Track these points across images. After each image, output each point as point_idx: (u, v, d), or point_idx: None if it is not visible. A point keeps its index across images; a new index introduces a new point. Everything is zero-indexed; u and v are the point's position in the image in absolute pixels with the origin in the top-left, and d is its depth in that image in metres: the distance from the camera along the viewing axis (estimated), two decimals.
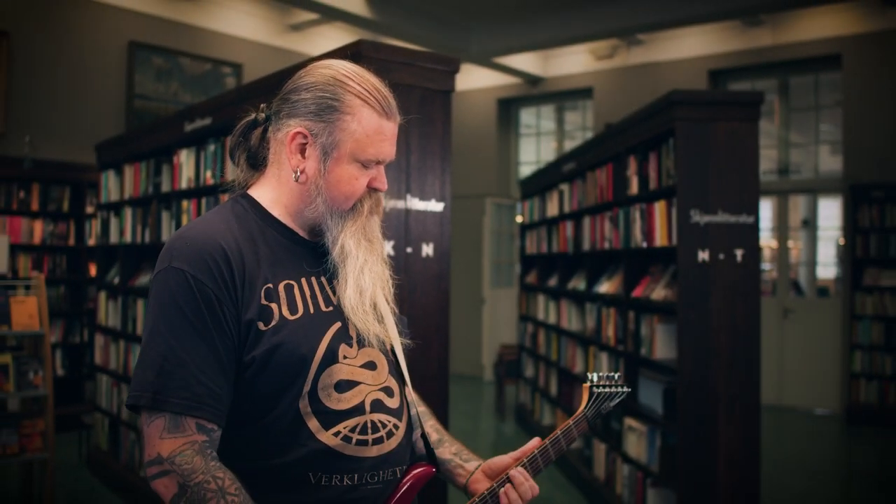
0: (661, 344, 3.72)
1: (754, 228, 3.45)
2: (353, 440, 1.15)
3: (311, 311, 1.17)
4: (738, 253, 3.42)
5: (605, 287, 4.61)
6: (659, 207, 3.71)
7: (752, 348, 3.45)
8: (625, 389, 1.43)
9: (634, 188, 4.06)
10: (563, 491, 4.90)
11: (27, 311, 4.05)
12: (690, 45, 8.13)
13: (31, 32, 6.28)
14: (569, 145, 9.56)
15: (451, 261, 2.92)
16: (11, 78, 6.12)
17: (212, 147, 3.71)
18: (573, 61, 9.01)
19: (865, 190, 6.98)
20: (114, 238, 4.86)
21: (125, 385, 4.58)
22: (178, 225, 3.94)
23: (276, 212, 1.23)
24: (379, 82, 1.23)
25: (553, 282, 5.86)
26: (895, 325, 6.85)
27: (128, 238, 4.61)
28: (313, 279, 1.20)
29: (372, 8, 7.08)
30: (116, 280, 4.79)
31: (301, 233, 1.24)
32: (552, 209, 5.89)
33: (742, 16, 7.27)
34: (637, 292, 4.00)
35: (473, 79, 9.55)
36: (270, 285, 1.15)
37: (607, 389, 1.39)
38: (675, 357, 3.49)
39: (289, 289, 1.17)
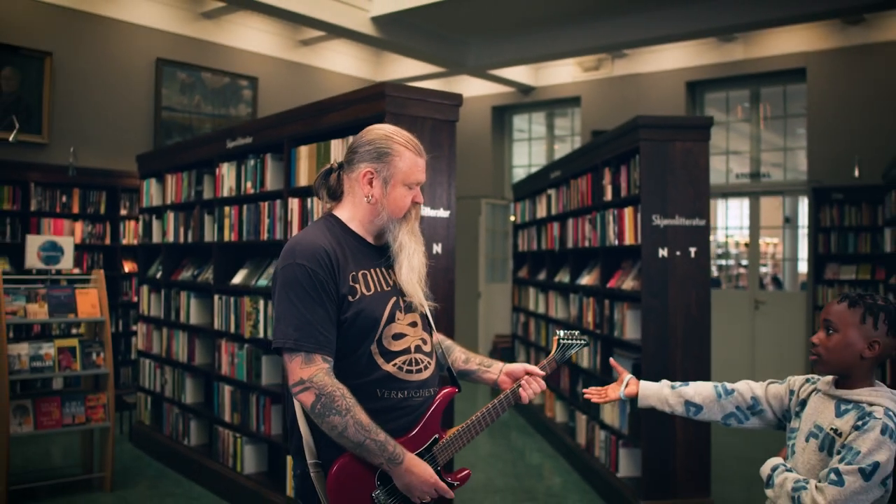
0: (630, 327, 4.42)
1: (705, 230, 4.14)
2: (404, 370, 1.83)
3: (379, 289, 1.85)
4: (692, 250, 4.12)
5: (585, 280, 5.30)
6: (628, 212, 4.41)
7: (703, 330, 4.14)
8: (581, 342, 2.12)
9: (609, 195, 4.75)
10: (552, 459, 5.60)
11: (90, 302, 4.74)
12: (670, 59, 8.82)
13: (70, 52, 6.95)
14: (558, 149, 10.23)
15: (455, 257, 3.60)
16: (54, 93, 6.79)
17: (251, 162, 4.37)
18: (562, 72, 9.68)
19: (826, 192, 7.69)
20: (156, 238, 5.52)
21: (167, 367, 5.25)
22: (221, 227, 4.61)
23: (353, 226, 1.90)
24: (411, 135, 1.92)
25: (542, 276, 6.55)
26: None
27: (170, 238, 5.28)
28: (378, 269, 1.88)
29: (377, 26, 7.73)
30: (159, 275, 5.46)
31: (369, 239, 1.91)
32: (541, 211, 6.58)
33: (717, 34, 7.95)
34: (611, 283, 4.70)
35: (470, 88, 10.19)
36: (354, 272, 1.82)
37: (570, 341, 2.11)
38: (640, 337, 4.18)
39: (364, 275, 1.84)
